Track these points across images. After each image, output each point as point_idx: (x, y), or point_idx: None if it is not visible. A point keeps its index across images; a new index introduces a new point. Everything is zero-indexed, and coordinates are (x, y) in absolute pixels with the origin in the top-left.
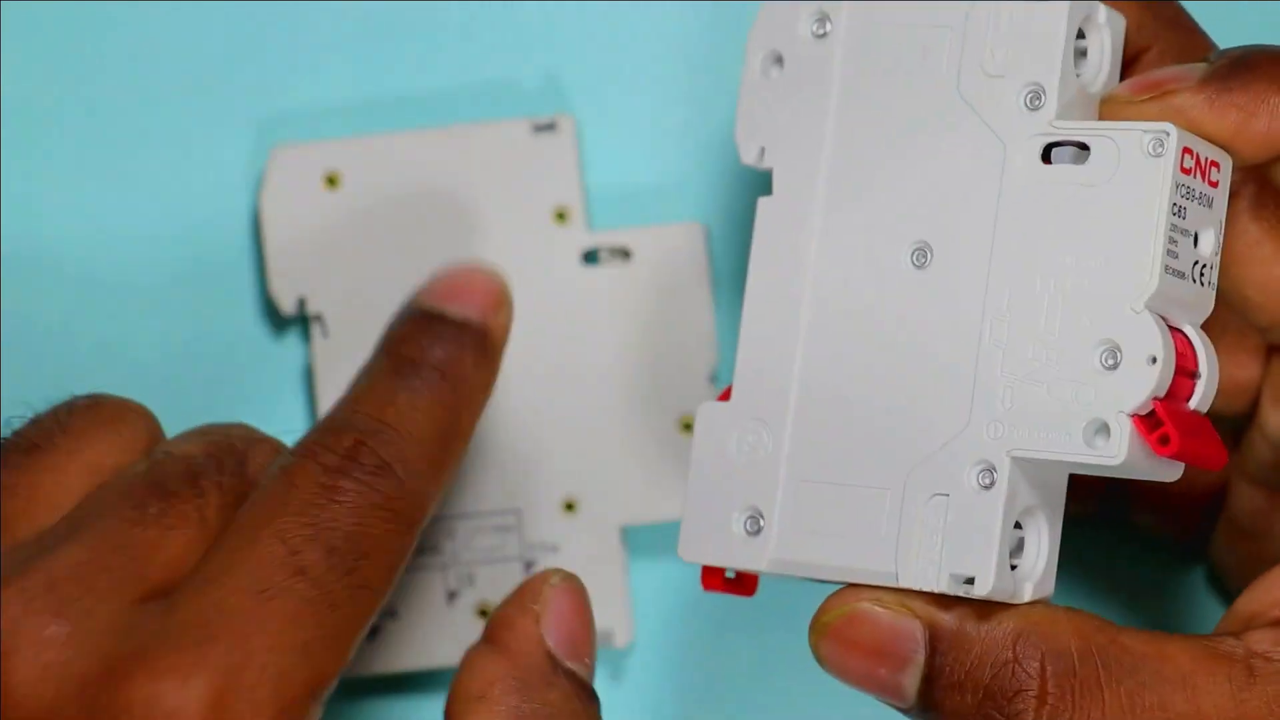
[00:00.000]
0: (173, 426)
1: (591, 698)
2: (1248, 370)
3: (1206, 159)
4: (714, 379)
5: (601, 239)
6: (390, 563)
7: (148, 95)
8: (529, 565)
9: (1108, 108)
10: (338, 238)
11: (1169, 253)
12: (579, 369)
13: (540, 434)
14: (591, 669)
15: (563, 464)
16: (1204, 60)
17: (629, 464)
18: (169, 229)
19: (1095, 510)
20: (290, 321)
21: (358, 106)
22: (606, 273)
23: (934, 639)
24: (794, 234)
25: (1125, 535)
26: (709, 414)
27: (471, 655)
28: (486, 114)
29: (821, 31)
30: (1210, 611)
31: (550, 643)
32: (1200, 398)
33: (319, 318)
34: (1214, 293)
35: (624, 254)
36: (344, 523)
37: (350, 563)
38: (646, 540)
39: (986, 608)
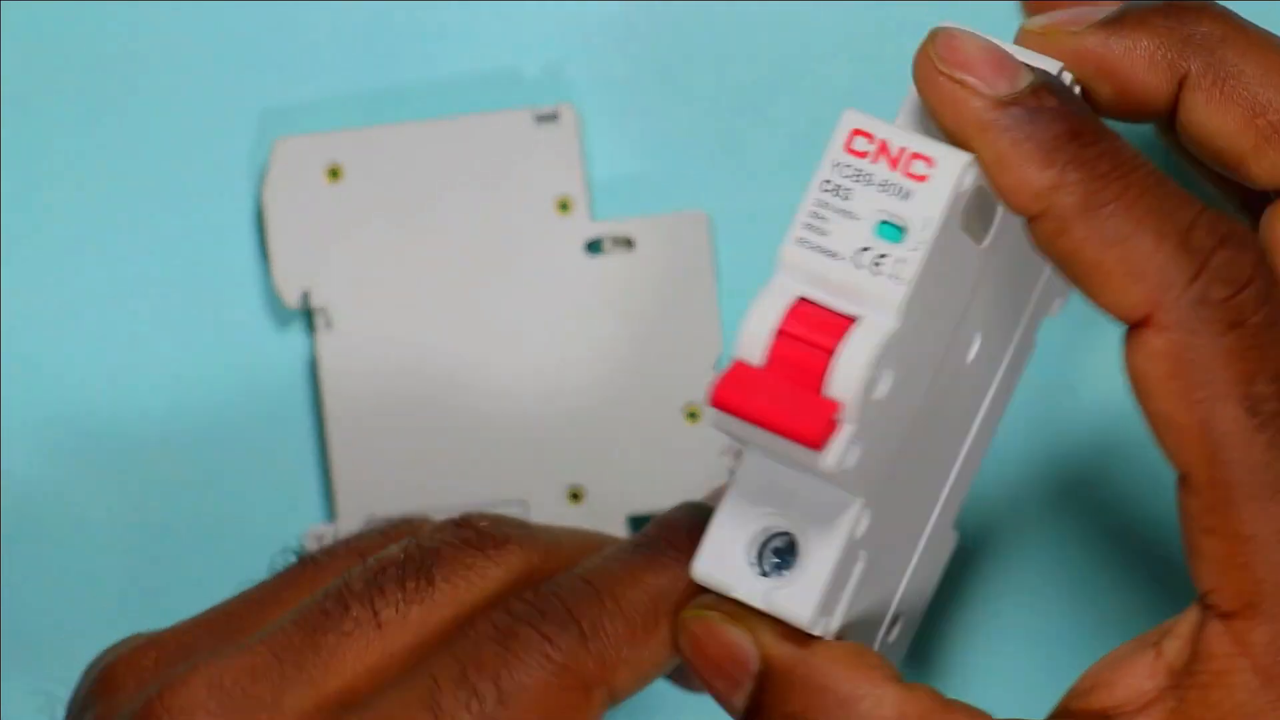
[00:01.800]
0: (178, 420)
1: None
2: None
3: (901, 149)
4: (718, 367)
5: (604, 229)
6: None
7: (149, 90)
8: None
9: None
10: (341, 230)
11: (813, 226)
12: (583, 358)
13: (545, 424)
14: None
15: (568, 454)
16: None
17: (634, 453)
18: (172, 223)
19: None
20: (294, 314)
21: (360, 98)
22: (610, 262)
23: (764, 675)
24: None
25: (1114, 539)
26: None
27: None
28: (489, 105)
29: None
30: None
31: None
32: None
33: (323, 310)
34: (901, 287)
35: (627, 243)
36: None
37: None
38: None
39: (830, 669)
